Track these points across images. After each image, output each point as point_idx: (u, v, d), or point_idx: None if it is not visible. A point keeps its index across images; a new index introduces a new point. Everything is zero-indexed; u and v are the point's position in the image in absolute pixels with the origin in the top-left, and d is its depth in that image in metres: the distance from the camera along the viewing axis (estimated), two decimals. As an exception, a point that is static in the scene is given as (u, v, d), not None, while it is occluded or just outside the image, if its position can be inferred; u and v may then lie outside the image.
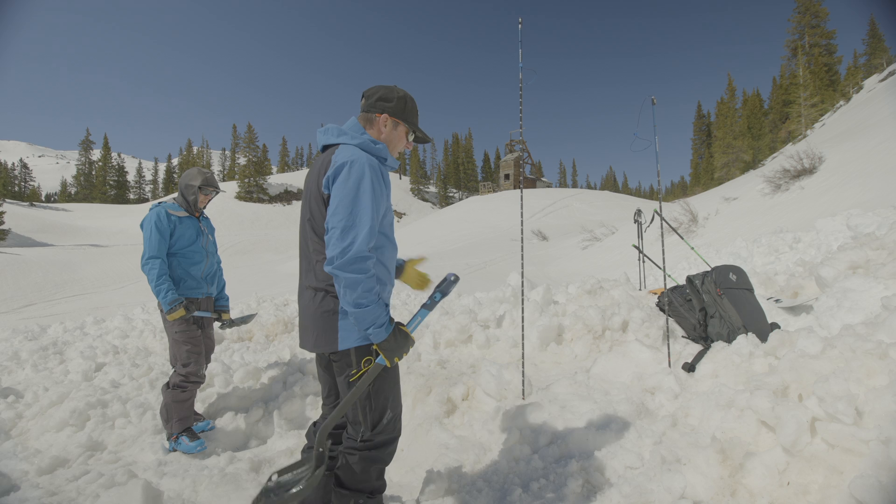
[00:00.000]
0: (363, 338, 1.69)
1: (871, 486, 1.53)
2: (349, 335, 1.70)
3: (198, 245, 3.16)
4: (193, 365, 3.03)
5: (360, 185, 1.62)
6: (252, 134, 58.23)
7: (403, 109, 1.84)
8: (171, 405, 2.98)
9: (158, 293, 2.94)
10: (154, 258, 2.95)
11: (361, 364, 1.70)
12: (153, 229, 2.98)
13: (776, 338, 2.69)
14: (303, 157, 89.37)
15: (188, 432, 2.96)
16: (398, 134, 1.86)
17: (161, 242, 2.98)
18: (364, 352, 1.71)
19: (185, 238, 3.11)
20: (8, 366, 4.96)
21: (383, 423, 1.75)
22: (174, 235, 3.06)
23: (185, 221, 3.14)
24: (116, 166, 66.60)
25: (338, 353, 1.73)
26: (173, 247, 3.08)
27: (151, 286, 2.95)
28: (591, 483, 2.08)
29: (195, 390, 3.08)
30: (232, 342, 5.94)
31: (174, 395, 2.98)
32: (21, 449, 3.03)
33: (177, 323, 3.03)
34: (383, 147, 1.78)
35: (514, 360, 3.65)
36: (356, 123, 1.81)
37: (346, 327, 1.70)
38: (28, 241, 33.06)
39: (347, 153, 1.68)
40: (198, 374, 3.06)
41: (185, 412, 3.00)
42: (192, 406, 3.07)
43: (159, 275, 2.94)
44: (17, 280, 19.61)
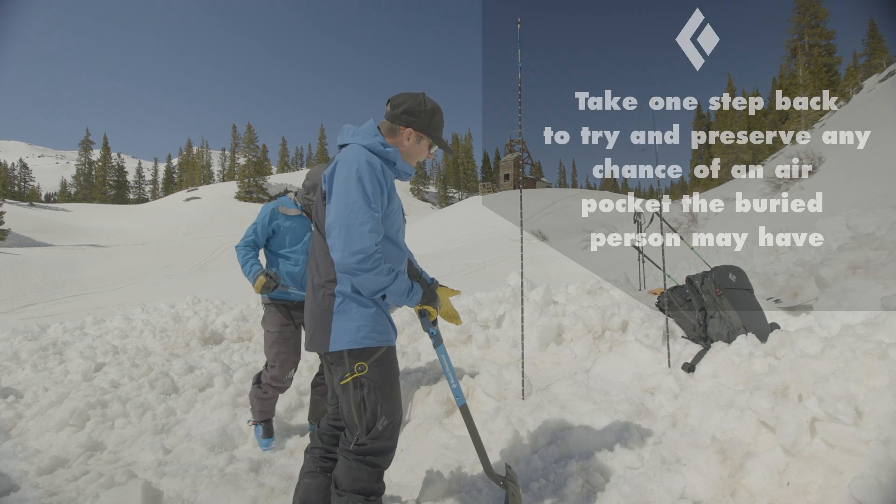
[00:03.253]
0: (356, 341, 1.66)
1: (871, 486, 1.53)
2: (341, 336, 1.66)
3: (299, 247, 2.99)
4: (278, 369, 2.91)
5: (350, 180, 1.61)
6: (252, 134, 58.25)
7: (429, 124, 1.81)
8: (253, 399, 3.00)
9: (243, 266, 2.87)
10: (242, 247, 2.92)
11: (354, 369, 1.66)
12: (256, 223, 2.94)
13: (776, 338, 2.69)
14: (302, 158, 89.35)
15: (266, 424, 3.00)
16: (421, 147, 1.84)
17: (254, 235, 2.93)
18: (357, 356, 1.67)
19: (289, 236, 2.98)
20: (8, 366, 4.96)
21: (378, 429, 1.69)
22: (277, 234, 2.97)
23: (296, 221, 2.99)
24: (116, 166, 66.60)
25: (332, 355, 1.70)
26: (273, 243, 2.99)
27: (241, 268, 2.90)
28: (591, 483, 2.08)
29: (276, 395, 3.03)
30: (232, 342, 5.94)
31: (256, 391, 2.99)
32: (21, 449, 3.03)
33: (269, 320, 2.94)
34: (394, 152, 1.75)
35: (514, 361, 3.65)
36: (372, 126, 1.80)
37: (340, 328, 1.67)
38: (28, 241, 33.06)
39: (349, 152, 1.68)
40: (281, 380, 2.94)
41: (266, 406, 3.00)
42: (274, 404, 3.05)
43: (244, 254, 2.89)
44: (16, 280, 19.61)
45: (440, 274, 16.65)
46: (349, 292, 1.69)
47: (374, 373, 1.69)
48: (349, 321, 1.67)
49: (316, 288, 1.76)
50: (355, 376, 1.67)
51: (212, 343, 5.89)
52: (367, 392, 1.69)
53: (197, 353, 5.28)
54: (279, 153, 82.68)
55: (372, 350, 1.69)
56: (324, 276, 1.74)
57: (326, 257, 1.74)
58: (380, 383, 1.70)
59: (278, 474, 2.57)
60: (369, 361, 1.68)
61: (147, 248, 32.50)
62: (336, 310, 1.69)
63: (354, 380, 1.68)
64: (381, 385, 1.70)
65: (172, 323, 6.51)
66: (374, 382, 1.69)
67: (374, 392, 1.69)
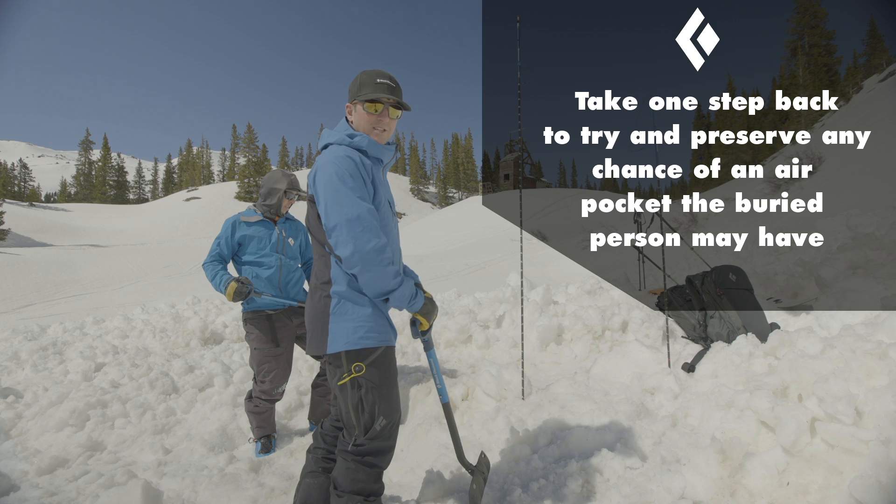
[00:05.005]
0: (353, 342, 1.66)
1: (871, 486, 1.53)
2: (339, 338, 1.66)
3: (268, 250, 2.96)
4: (269, 384, 2.89)
5: (333, 179, 1.61)
6: (252, 134, 58.25)
7: (357, 90, 1.76)
8: (249, 414, 2.98)
9: (212, 280, 2.81)
10: (209, 263, 2.89)
11: (352, 369, 1.66)
12: (220, 237, 2.91)
13: (776, 338, 2.69)
14: (302, 158, 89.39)
15: (265, 440, 2.97)
16: (364, 116, 1.76)
17: (219, 249, 2.90)
18: (354, 357, 1.67)
19: (255, 242, 2.95)
20: (8, 366, 4.96)
21: (376, 430, 1.69)
22: (244, 244, 2.94)
23: (257, 226, 2.97)
24: (116, 166, 66.57)
25: (330, 356, 1.70)
26: (242, 253, 2.95)
27: (210, 283, 2.84)
28: (591, 483, 2.08)
29: (271, 407, 3.00)
30: (232, 342, 5.94)
31: (248, 406, 2.97)
32: (21, 449, 3.03)
33: (253, 338, 2.90)
34: (362, 138, 1.73)
35: (514, 361, 3.65)
36: (343, 123, 1.81)
37: (337, 330, 1.67)
38: (28, 241, 33.04)
39: (328, 153, 1.69)
40: (271, 394, 2.92)
41: (262, 421, 2.97)
42: (271, 417, 3.01)
43: (212, 269, 2.84)
44: (16, 280, 19.60)
45: (440, 274, 16.64)
46: (345, 292, 1.68)
47: (372, 373, 1.68)
48: (346, 322, 1.67)
49: (313, 291, 1.78)
50: (353, 377, 1.67)
51: (212, 343, 5.89)
52: (364, 392, 1.68)
53: (197, 353, 5.27)
54: (279, 153, 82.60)
55: (369, 350, 1.68)
56: (319, 279, 1.74)
57: (320, 259, 1.75)
58: (377, 384, 1.69)
59: (278, 474, 2.57)
60: (366, 362, 1.67)
61: (147, 248, 32.48)
62: (333, 311, 1.69)
63: (352, 380, 1.68)
64: (378, 385, 1.69)
65: (172, 323, 6.51)
66: (371, 383, 1.68)
67: (371, 392, 1.68)
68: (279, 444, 3.02)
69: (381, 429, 1.70)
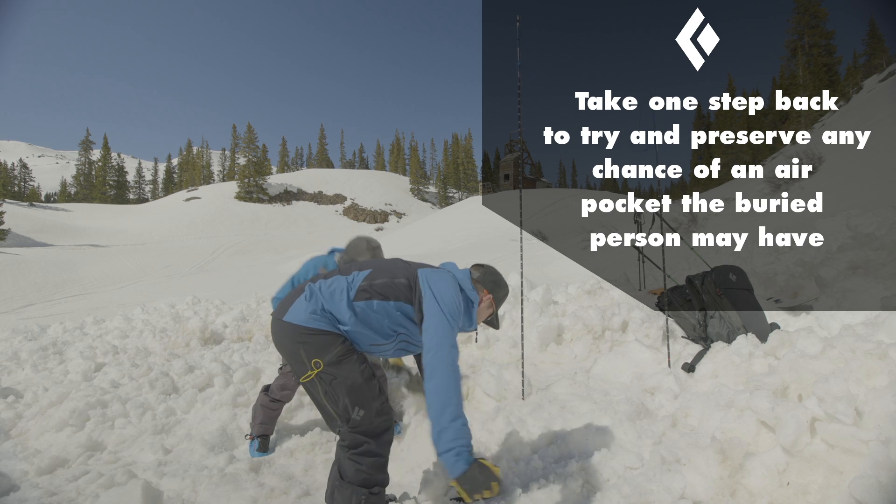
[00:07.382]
0: (305, 319, 1.78)
1: (871, 487, 1.53)
2: (298, 314, 1.78)
3: None
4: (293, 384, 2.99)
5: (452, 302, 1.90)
6: (252, 134, 58.17)
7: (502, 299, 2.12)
8: (259, 408, 3.00)
9: None
10: None
11: (311, 365, 1.74)
12: None
13: (776, 338, 2.69)
14: (302, 158, 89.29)
15: (263, 439, 2.99)
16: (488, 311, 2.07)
17: None
18: (311, 353, 1.76)
19: None
20: (8, 366, 4.96)
21: (356, 419, 1.76)
22: None
23: None
24: (116, 166, 66.53)
25: (290, 349, 1.79)
26: None
27: None
28: (591, 483, 2.08)
29: (281, 407, 3.07)
30: (232, 342, 5.95)
31: (263, 399, 3.00)
32: (21, 449, 3.03)
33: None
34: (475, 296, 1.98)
35: (514, 361, 3.65)
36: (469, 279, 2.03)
37: (299, 307, 1.79)
38: (28, 241, 33.04)
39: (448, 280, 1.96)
40: (292, 388, 3.02)
41: (267, 419, 3.01)
42: (275, 419, 3.06)
43: None
44: (16, 280, 19.60)
45: (440, 274, 16.55)
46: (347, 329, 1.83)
47: (332, 368, 1.76)
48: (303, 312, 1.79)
49: None
50: (315, 373, 1.76)
51: (212, 343, 5.89)
52: (328, 386, 1.77)
53: (197, 353, 5.28)
54: (279, 153, 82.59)
55: (324, 345, 1.76)
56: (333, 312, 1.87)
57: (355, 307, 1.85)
58: (338, 376, 1.77)
59: (278, 474, 2.57)
60: (325, 359, 1.75)
61: (147, 248, 32.51)
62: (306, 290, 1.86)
63: (317, 376, 1.77)
64: (342, 378, 1.77)
65: (172, 323, 6.51)
66: (330, 376, 1.77)
67: (333, 386, 1.77)
68: (279, 444, 3.02)
69: (361, 418, 1.76)
